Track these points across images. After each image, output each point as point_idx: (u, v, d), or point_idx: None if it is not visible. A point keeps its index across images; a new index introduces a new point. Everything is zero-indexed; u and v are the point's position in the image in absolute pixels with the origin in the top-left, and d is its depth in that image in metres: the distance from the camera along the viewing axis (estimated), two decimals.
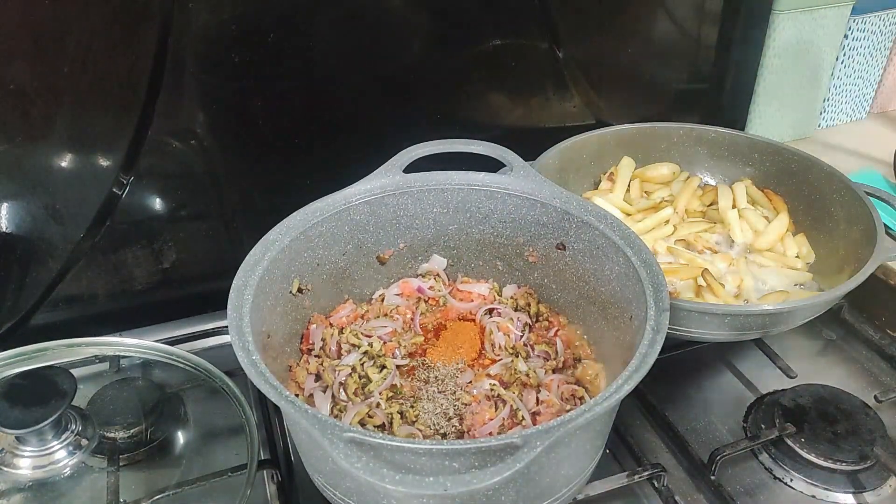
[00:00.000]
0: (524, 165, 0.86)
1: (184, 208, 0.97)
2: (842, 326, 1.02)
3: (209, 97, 0.91)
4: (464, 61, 1.05)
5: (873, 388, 0.92)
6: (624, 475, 0.77)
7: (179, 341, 0.94)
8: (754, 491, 0.80)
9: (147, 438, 0.80)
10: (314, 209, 0.81)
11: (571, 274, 0.84)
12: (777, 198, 1.07)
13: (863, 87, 1.47)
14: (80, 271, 0.94)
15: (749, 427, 0.87)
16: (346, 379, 0.78)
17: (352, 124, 1.01)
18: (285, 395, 0.58)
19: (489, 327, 0.86)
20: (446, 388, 0.78)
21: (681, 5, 1.16)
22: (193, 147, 0.93)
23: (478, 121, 1.12)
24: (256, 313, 0.68)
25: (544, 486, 0.63)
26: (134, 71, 0.85)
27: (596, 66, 1.16)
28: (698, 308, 0.82)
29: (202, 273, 1.03)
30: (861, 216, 0.93)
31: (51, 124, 0.84)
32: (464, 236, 0.91)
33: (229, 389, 0.80)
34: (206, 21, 0.86)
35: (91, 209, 0.90)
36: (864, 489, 0.79)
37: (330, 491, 0.66)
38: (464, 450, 0.53)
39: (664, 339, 0.63)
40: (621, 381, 0.59)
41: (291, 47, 0.92)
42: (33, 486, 0.74)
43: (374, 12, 0.95)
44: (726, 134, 1.12)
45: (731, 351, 0.98)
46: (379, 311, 0.88)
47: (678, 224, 1.04)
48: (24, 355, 0.82)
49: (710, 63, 1.25)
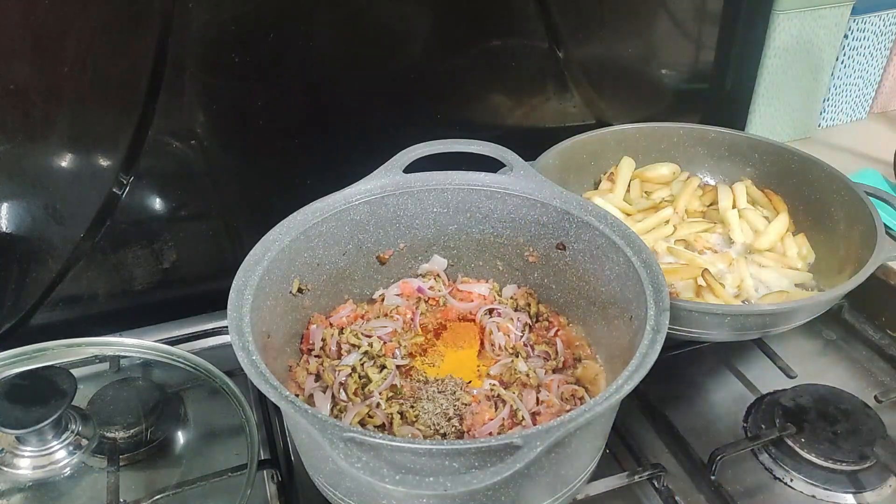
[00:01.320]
0: (524, 165, 0.86)
1: (184, 208, 0.97)
2: (842, 326, 1.02)
3: (209, 97, 0.91)
4: (464, 61, 1.05)
5: (873, 388, 0.92)
6: (624, 475, 0.77)
7: (179, 341, 0.94)
8: (754, 491, 0.80)
9: (147, 438, 0.80)
10: (314, 209, 0.81)
11: (571, 274, 0.84)
12: (777, 198, 1.07)
13: (863, 87, 1.47)
14: (80, 271, 0.94)
15: (749, 427, 0.87)
16: (346, 379, 0.78)
17: (352, 124, 1.01)
18: (285, 395, 0.58)
19: (489, 327, 0.86)
20: (446, 388, 0.78)
21: (681, 5, 1.16)
22: (193, 147, 0.93)
23: (478, 121, 1.12)
24: (256, 313, 0.68)
25: (544, 486, 0.63)
26: (134, 71, 0.85)
27: (596, 66, 1.16)
28: (698, 308, 0.82)
29: (202, 273, 1.03)
30: (861, 216, 0.93)
31: (51, 124, 0.84)
32: (464, 236, 0.91)
33: (229, 389, 0.80)
34: (206, 21, 0.86)
35: (91, 209, 0.90)
36: (865, 489, 0.79)
37: (330, 491, 0.66)
38: (464, 450, 0.53)
39: (664, 339, 0.63)
40: (621, 381, 0.59)
41: (291, 47, 0.92)
42: (33, 486, 0.74)
43: (375, 12, 0.95)
44: (726, 134, 1.12)
45: (731, 351, 0.98)
46: (379, 311, 0.88)
47: (678, 224, 1.04)
48: (24, 355, 0.82)
49: (710, 63, 1.25)
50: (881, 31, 1.38)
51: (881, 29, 1.38)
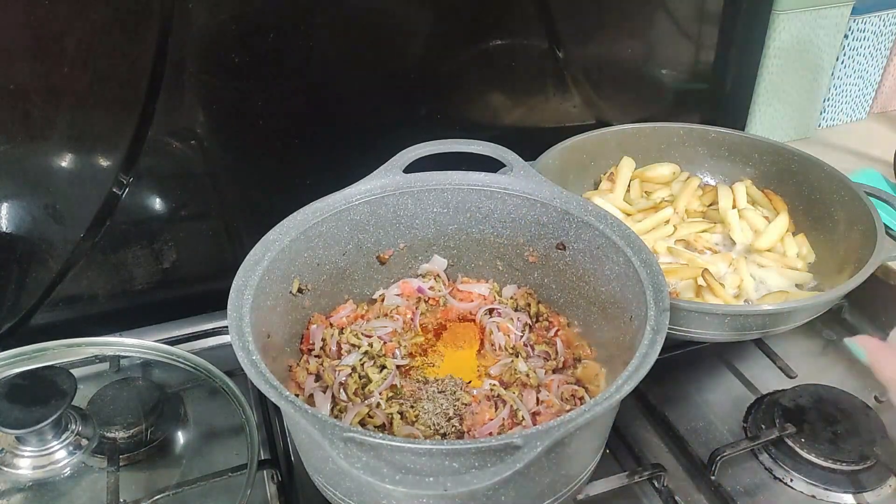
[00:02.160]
0: (524, 165, 0.86)
1: (184, 208, 0.97)
2: (842, 326, 1.02)
3: (209, 97, 0.91)
4: (464, 61, 1.05)
5: (873, 388, 0.92)
6: (624, 475, 0.77)
7: (179, 341, 0.94)
8: (754, 491, 0.80)
9: (147, 438, 0.80)
10: (314, 209, 0.81)
11: (571, 274, 0.84)
12: (777, 198, 1.07)
13: (863, 87, 1.47)
14: (80, 271, 0.94)
15: (749, 427, 0.87)
16: (347, 379, 0.78)
17: (352, 124, 1.01)
18: (285, 395, 0.58)
19: (489, 327, 0.86)
20: (446, 388, 0.78)
21: (681, 5, 1.16)
22: (193, 147, 0.93)
23: (478, 121, 1.12)
24: (256, 313, 0.68)
25: (544, 486, 0.63)
26: (134, 71, 0.85)
27: (596, 66, 1.16)
28: (698, 308, 0.82)
29: (202, 273, 1.03)
30: (861, 216, 0.93)
31: (51, 124, 0.84)
32: (464, 236, 0.91)
33: (229, 389, 0.80)
34: (206, 21, 0.86)
35: (91, 209, 0.90)
36: (865, 489, 0.79)
37: (330, 491, 0.66)
38: (464, 450, 0.53)
39: (664, 339, 0.63)
40: (621, 382, 0.59)
41: (291, 47, 0.92)
42: (33, 486, 0.74)
43: (374, 12, 0.95)
44: (726, 134, 1.12)
45: (731, 351, 0.98)
46: (379, 311, 0.88)
47: (678, 224, 1.04)
48: (24, 355, 0.82)
49: (710, 63, 1.25)
50: (881, 31, 1.38)
51: (881, 29, 1.38)
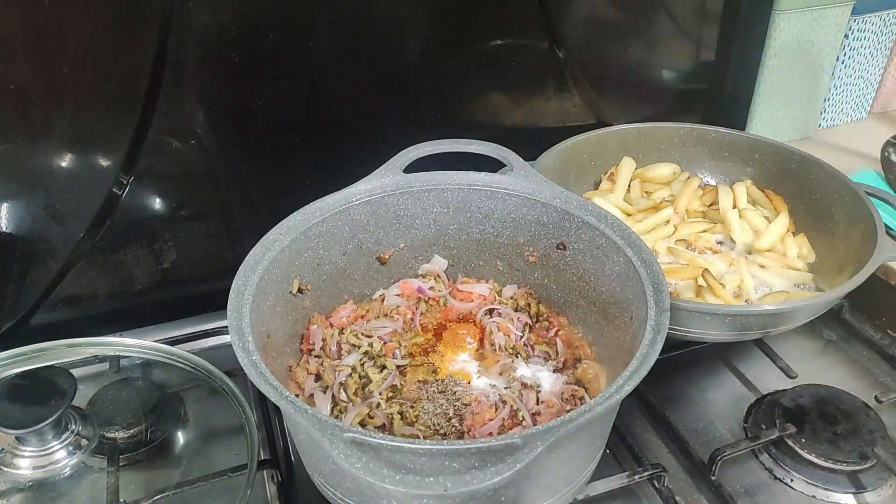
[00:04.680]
0: (524, 165, 0.86)
1: (184, 208, 0.97)
2: (842, 327, 1.02)
3: (209, 97, 0.91)
4: (464, 61, 1.05)
5: (874, 388, 0.92)
6: (624, 475, 0.77)
7: (179, 341, 0.94)
8: (754, 491, 0.80)
9: (147, 438, 0.80)
10: (314, 209, 0.81)
11: (572, 274, 0.84)
12: (777, 198, 1.07)
13: (863, 87, 1.47)
14: (80, 271, 0.94)
15: (749, 427, 0.87)
16: (347, 379, 0.78)
17: (352, 124, 1.01)
18: (285, 396, 0.58)
19: (489, 327, 0.86)
20: (446, 388, 0.78)
21: (681, 5, 1.16)
22: (193, 147, 0.93)
23: (478, 121, 1.12)
24: (256, 313, 0.68)
25: (544, 487, 0.63)
26: (134, 71, 0.85)
27: (596, 66, 1.16)
28: (699, 308, 0.82)
29: (202, 273, 1.03)
30: (861, 216, 0.93)
31: (51, 124, 0.84)
32: (464, 236, 0.91)
33: (229, 389, 0.80)
34: (206, 21, 0.86)
35: (91, 209, 0.90)
36: (865, 489, 0.79)
37: (330, 491, 0.66)
38: (464, 450, 0.53)
39: (664, 340, 0.63)
40: (621, 382, 0.59)
41: (291, 47, 0.92)
42: (33, 486, 0.74)
43: (374, 12, 0.95)
44: (726, 134, 1.12)
45: (731, 351, 0.98)
46: (379, 311, 0.88)
47: (678, 224, 1.04)
48: (24, 355, 0.82)
49: (710, 63, 1.25)
50: (881, 31, 1.38)
51: (881, 29, 1.38)
